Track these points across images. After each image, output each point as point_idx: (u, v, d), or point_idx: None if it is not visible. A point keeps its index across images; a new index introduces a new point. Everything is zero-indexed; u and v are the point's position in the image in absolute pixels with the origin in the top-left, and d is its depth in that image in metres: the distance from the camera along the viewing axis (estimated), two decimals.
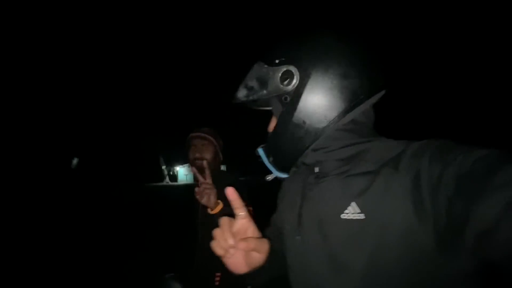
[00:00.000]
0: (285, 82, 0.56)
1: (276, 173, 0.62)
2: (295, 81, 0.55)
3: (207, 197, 1.17)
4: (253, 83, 0.60)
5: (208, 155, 1.49)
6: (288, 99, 0.56)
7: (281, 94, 0.57)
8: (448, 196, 0.38)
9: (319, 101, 0.54)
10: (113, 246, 4.79)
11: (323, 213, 0.54)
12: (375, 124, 0.59)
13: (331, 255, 0.51)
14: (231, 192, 0.55)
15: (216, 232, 0.54)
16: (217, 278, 1.30)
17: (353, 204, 0.49)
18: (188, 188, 1.42)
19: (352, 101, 0.54)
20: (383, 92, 0.57)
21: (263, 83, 0.59)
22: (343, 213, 0.49)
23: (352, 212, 0.48)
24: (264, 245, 0.59)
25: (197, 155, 1.48)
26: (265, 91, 0.58)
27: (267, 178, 0.64)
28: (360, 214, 0.47)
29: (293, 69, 0.55)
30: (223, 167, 1.68)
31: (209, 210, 1.21)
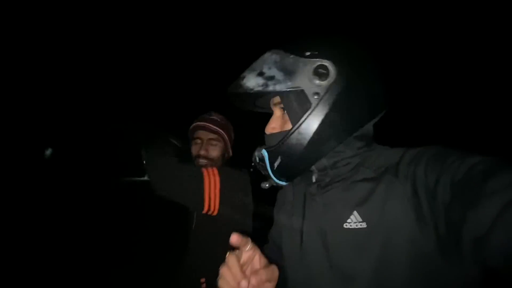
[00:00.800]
0: (319, 77, 0.51)
1: (276, 181, 0.56)
2: (330, 78, 0.51)
3: None
4: (273, 72, 0.52)
5: (214, 153, 1.21)
6: (321, 95, 0.51)
7: (311, 89, 0.51)
8: (445, 203, 0.39)
9: (352, 105, 0.51)
10: (91, 248, 4.49)
11: (326, 223, 0.52)
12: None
13: (336, 267, 0.49)
14: (235, 239, 0.49)
15: (224, 271, 0.48)
16: (203, 285, 1.16)
17: (355, 213, 0.49)
18: None
19: (376, 110, 0.54)
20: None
21: (288, 73, 0.52)
22: (345, 222, 0.49)
23: (354, 221, 0.48)
24: (275, 273, 0.53)
25: (202, 152, 1.20)
26: (290, 82, 0.51)
27: (264, 186, 0.58)
28: (362, 223, 0.47)
29: (329, 65, 0.51)
30: None
31: (209, 212, 1.03)
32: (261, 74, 0.53)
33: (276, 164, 0.54)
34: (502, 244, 0.30)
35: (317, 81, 0.50)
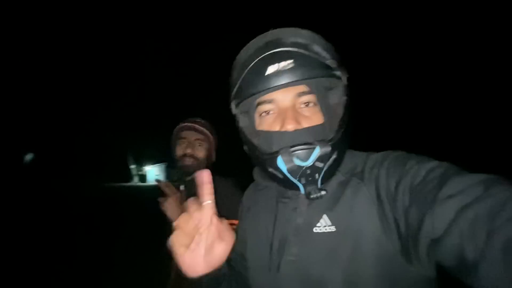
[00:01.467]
0: (343, 74, 0.51)
1: (316, 191, 0.46)
2: (345, 77, 0.51)
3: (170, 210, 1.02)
4: (322, 58, 0.49)
5: (201, 153, 1.20)
6: (348, 92, 0.51)
7: (347, 82, 0.51)
8: (404, 206, 0.40)
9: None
10: (68, 258, 4.27)
11: (296, 228, 0.50)
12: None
13: (307, 274, 0.48)
14: (204, 174, 0.44)
15: (182, 218, 0.44)
16: None
17: (325, 217, 0.48)
18: (160, 190, 1.15)
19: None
20: None
21: (338, 61, 0.51)
22: (315, 226, 0.48)
23: (324, 225, 0.48)
24: (231, 236, 0.48)
25: (188, 151, 1.17)
26: (338, 72, 0.50)
27: (315, 196, 0.46)
28: (332, 227, 0.47)
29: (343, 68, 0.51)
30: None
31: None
32: (327, 50, 0.50)
33: (327, 166, 0.47)
34: (456, 247, 0.31)
35: (347, 75, 0.50)
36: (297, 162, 0.45)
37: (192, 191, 1.26)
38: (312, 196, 0.46)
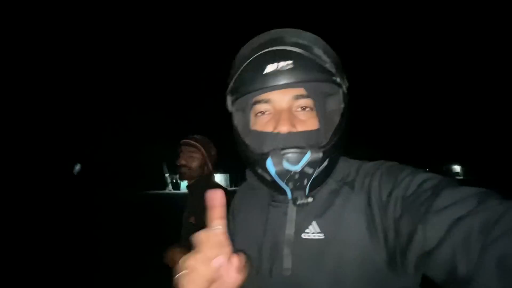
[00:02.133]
0: (343, 81, 0.50)
1: (303, 197, 0.46)
2: (346, 84, 0.51)
3: None
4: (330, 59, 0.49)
5: (193, 163, 1.48)
6: (346, 100, 0.50)
7: (346, 90, 0.51)
8: (396, 216, 0.40)
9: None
10: (112, 259, 4.53)
11: (289, 239, 0.49)
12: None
13: (293, 278, 0.47)
14: (216, 196, 0.34)
15: (194, 258, 0.32)
16: None
17: (314, 223, 0.48)
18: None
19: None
20: None
21: (338, 66, 0.50)
22: (304, 232, 0.48)
23: (312, 231, 0.48)
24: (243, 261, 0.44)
25: (182, 162, 1.48)
26: (338, 79, 0.49)
27: (301, 202, 0.46)
28: (320, 234, 0.47)
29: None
30: (222, 178, 1.69)
31: (191, 219, 1.23)
32: (328, 55, 0.49)
33: (318, 171, 0.47)
34: (448, 260, 0.31)
35: (347, 83, 0.51)
36: (287, 165, 0.44)
37: (194, 193, 1.38)
38: (298, 202, 0.45)
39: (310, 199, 0.46)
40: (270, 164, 0.45)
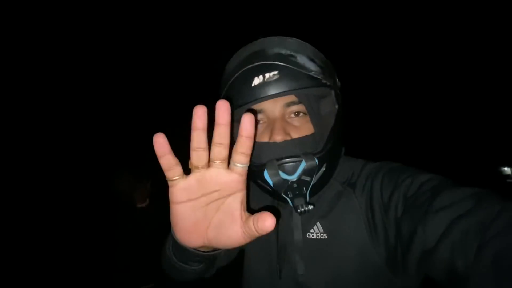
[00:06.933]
0: (333, 82, 0.51)
1: (305, 205, 0.45)
2: (338, 85, 0.53)
3: None
4: (320, 63, 0.50)
5: None
6: (340, 99, 0.51)
7: (338, 91, 0.51)
8: (397, 217, 0.41)
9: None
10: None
11: (296, 240, 0.50)
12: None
13: (293, 275, 0.49)
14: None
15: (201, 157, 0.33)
16: None
17: (318, 224, 0.49)
18: None
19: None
20: None
21: (329, 69, 0.51)
22: (308, 232, 0.50)
23: (316, 231, 0.49)
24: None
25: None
26: (327, 82, 0.49)
27: (302, 210, 0.45)
28: (324, 234, 0.48)
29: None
30: None
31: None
32: (313, 61, 0.48)
33: (317, 177, 0.46)
34: (447, 259, 0.31)
35: (339, 83, 0.52)
36: (283, 175, 0.44)
37: None
38: (299, 210, 0.44)
39: (311, 207, 0.45)
40: (267, 176, 0.45)
